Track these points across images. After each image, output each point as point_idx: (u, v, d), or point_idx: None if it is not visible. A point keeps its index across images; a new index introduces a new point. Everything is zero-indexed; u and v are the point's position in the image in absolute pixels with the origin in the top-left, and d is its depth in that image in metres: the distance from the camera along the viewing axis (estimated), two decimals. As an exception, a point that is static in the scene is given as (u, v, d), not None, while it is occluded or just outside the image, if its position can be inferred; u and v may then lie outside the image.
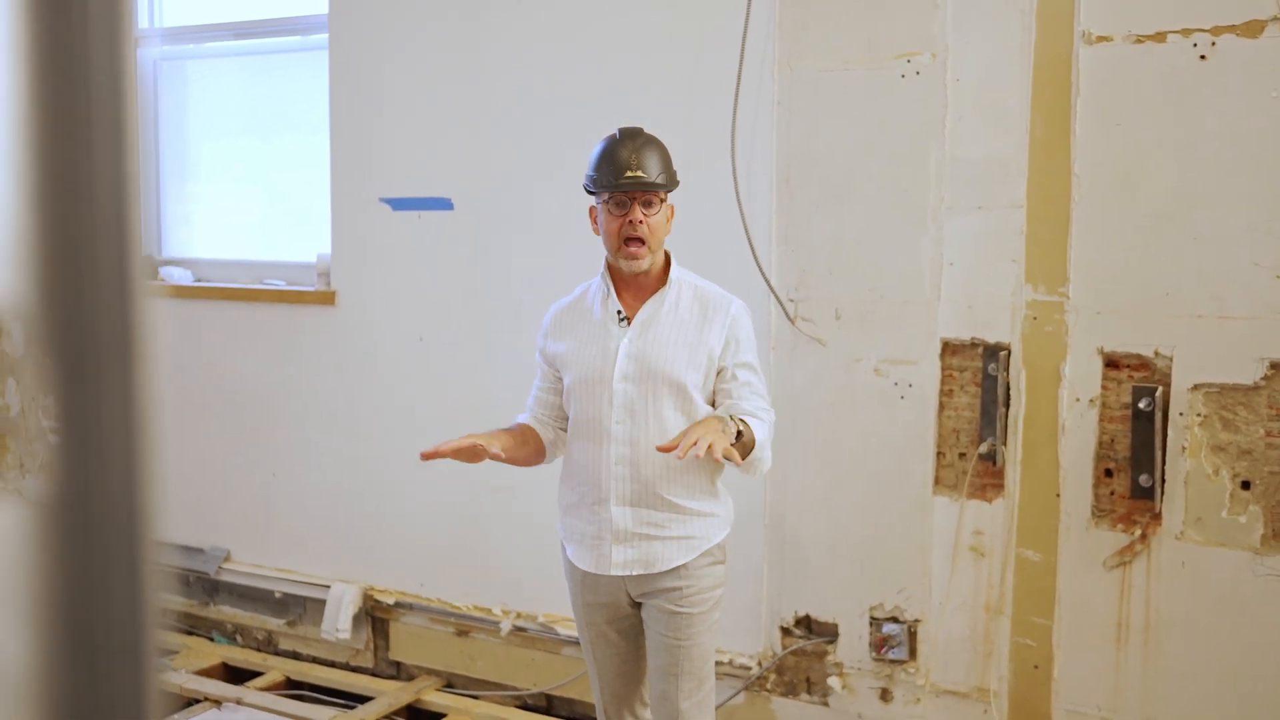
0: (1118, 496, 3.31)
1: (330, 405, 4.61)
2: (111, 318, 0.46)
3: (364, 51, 4.42)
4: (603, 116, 3.48)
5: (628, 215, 2.76)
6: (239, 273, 4.99)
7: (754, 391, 2.82)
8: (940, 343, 3.51)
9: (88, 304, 0.46)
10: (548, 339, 2.95)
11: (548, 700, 4.32)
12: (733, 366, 2.81)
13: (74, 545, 0.46)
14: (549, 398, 2.97)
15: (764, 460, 2.77)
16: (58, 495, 0.45)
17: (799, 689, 3.82)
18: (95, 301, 0.46)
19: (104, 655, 0.46)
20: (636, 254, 2.77)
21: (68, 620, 0.45)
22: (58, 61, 0.45)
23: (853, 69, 3.56)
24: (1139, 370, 3.26)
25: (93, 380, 0.46)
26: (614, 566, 2.83)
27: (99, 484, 0.46)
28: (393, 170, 4.40)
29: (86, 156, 0.46)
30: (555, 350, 2.92)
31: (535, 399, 3.00)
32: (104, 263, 0.47)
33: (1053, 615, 3.42)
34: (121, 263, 0.47)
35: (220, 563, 4.89)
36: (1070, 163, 3.28)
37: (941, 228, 3.47)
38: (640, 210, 2.76)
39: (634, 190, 2.75)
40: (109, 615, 0.46)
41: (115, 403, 0.46)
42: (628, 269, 2.80)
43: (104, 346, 0.46)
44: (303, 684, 4.63)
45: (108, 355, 0.46)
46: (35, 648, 0.46)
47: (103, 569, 0.46)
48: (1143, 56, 3.18)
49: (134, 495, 0.46)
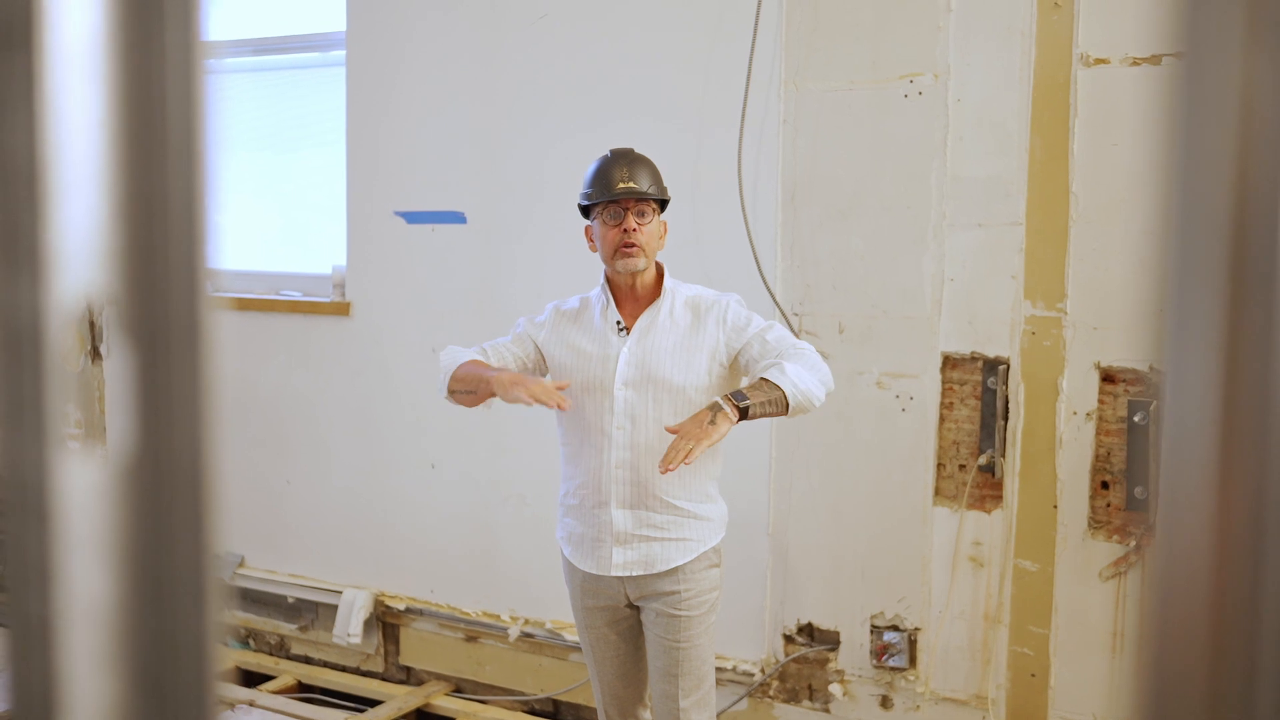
0: (1114, 508, 3.38)
1: (344, 414, 4.69)
2: (182, 311, 0.55)
3: (380, 68, 4.52)
4: (613, 132, 3.57)
5: (622, 224, 2.86)
6: (256, 283, 5.08)
7: (776, 345, 2.85)
8: (941, 357, 3.58)
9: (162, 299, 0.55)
10: (543, 330, 3.03)
11: (555, 705, 4.39)
12: (749, 340, 2.88)
13: (148, 501, 0.54)
14: (508, 361, 3.00)
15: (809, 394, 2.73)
16: (136, 457, 0.54)
17: (801, 696, 3.89)
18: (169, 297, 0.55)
19: (172, 594, 0.54)
20: (632, 253, 2.86)
21: (142, 564, 0.54)
22: (141, 87, 0.54)
23: (857, 89, 3.64)
24: (1135, 384, 3.33)
25: (165, 363, 0.55)
26: (614, 568, 2.91)
27: (169, 448, 0.55)
28: (407, 184, 4.49)
29: (162, 172, 0.55)
30: (549, 346, 3.00)
31: (494, 347, 3.02)
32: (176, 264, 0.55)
33: (1050, 624, 3.49)
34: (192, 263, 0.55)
35: (234, 568, 4.97)
36: (1069, 181, 3.36)
37: (943, 244, 3.55)
38: (634, 219, 2.86)
39: (627, 199, 2.86)
40: (177, 560, 0.54)
41: (184, 382, 0.54)
42: (625, 269, 2.89)
43: (175, 334, 0.55)
44: (314, 688, 4.70)
45: (179, 341, 0.55)
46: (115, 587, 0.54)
47: (171, 522, 0.55)
48: (1139, 78, 3.26)
49: (200, 458, 0.55)
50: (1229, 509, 0.54)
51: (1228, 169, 0.55)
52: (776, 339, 2.87)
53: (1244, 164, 0.54)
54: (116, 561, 0.53)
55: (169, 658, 0.55)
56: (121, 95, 0.53)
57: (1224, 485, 0.53)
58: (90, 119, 0.52)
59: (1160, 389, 0.56)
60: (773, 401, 2.71)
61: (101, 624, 0.53)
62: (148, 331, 0.53)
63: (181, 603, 0.54)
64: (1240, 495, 0.53)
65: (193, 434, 0.54)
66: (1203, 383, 0.53)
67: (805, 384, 2.73)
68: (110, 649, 0.54)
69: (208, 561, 0.55)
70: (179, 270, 0.54)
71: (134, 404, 0.53)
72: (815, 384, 2.77)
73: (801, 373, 2.75)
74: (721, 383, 2.92)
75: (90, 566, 0.53)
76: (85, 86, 0.52)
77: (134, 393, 0.53)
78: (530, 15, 4.18)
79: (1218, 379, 0.53)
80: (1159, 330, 0.56)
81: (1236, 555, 0.53)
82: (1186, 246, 0.55)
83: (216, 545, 0.56)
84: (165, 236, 0.54)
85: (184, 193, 0.54)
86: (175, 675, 0.55)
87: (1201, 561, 0.54)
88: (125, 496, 0.53)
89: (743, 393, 2.72)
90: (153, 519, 0.54)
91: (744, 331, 2.89)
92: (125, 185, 0.53)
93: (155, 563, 0.54)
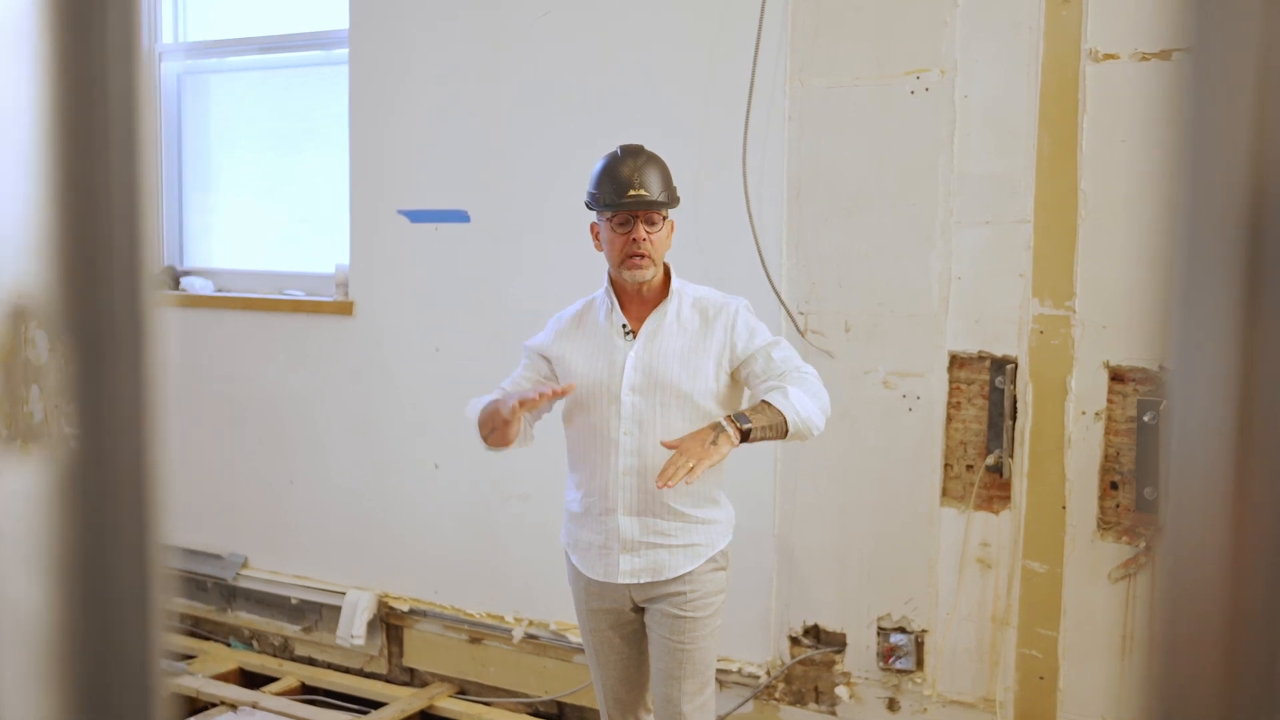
0: (1123, 509, 3.34)
1: (347, 414, 4.67)
2: (124, 306, 0.52)
3: (384, 66, 4.49)
4: (617, 131, 3.54)
5: (631, 234, 2.80)
6: (259, 283, 5.06)
7: (780, 365, 2.81)
8: (948, 356, 3.54)
9: (102, 293, 0.52)
10: (554, 343, 2.98)
11: (559, 708, 4.36)
12: (753, 353, 2.83)
13: (89, 511, 0.51)
14: (525, 384, 2.96)
15: (809, 422, 2.72)
16: (74, 463, 0.51)
17: (807, 698, 3.86)
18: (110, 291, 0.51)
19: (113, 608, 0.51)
20: (640, 264, 2.81)
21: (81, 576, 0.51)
22: (77, 77, 0.51)
23: (863, 85, 3.61)
24: (1144, 384, 3.29)
25: (106, 362, 0.51)
26: (622, 575, 2.87)
27: (112, 457, 0.51)
28: (410, 183, 4.46)
29: (103, 165, 0.52)
30: (556, 356, 2.95)
31: (511, 382, 2.99)
32: (118, 261, 0.52)
33: (1058, 626, 3.45)
34: (134, 261, 0.52)
35: (238, 569, 4.95)
36: (1077, 178, 3.32)
37: (949, 242, 3.51)
38: (643, 228, 2.81)
39: (637, 209, 2.80)
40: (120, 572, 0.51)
41: (127, 387, 0.51)
42: (632, 279, 2.84)
43: (117, 331, 0.51)
44: (317, 689, 4.68)
45: (120, 339, 0.51)
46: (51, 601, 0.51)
47: (113, 531, 0.51)
48: (1148, 73, 3.22)
49: (143, 463, 0.52)
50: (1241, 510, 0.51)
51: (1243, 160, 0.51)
52: (782, 358, 2.83)
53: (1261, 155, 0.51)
54: (52, 573, 0.50)
55: (110, 677, 0.52)
56: (57, 77, 0.50)
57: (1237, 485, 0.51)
58: (22, 102, 0.49)
59: (1168, 387, 0.53)
60: (774, 426, 2.70)
61: (36, 641, 0.50)
62: (86, 328, 0.50)
63: (124, 617, 0.51)
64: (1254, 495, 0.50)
65: (136, 437, 0.51)
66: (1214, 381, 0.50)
67: (807, 412, 2.72)
68: (45, 668, 0.50)
69: (153, 572, 0.51)
70: (120, 263, 0.51)
71: (72, 405, 0.50)
72: (816, 412, 2.75)
73: (804, 399, 2.73)
74: (728, 390, 2.88)
75: (23, 579, 0.49)
76: (16, 68, 0.49)
77: (72, 393, 0.50)
78: (534, 12, 4.15)
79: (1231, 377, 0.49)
80: (1167, 327, 0.53)
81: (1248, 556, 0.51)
82: (1198, 241, 0.52)
83: (162, 555, 0.52)
84: (105, 227, 0.50)
85: (125, 181, 0.51)
86: (117, 696, 0.51)
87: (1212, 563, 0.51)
88: (62, 504, 0.50)
89: (745, 415, 2.69)
90: (93, 528, 0.51)
91: (750, 342, 2.85)
92: (61, 173, 0.49)
93: (95, 574, 0.51)
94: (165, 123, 5.28)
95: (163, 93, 5.26)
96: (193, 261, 5.33)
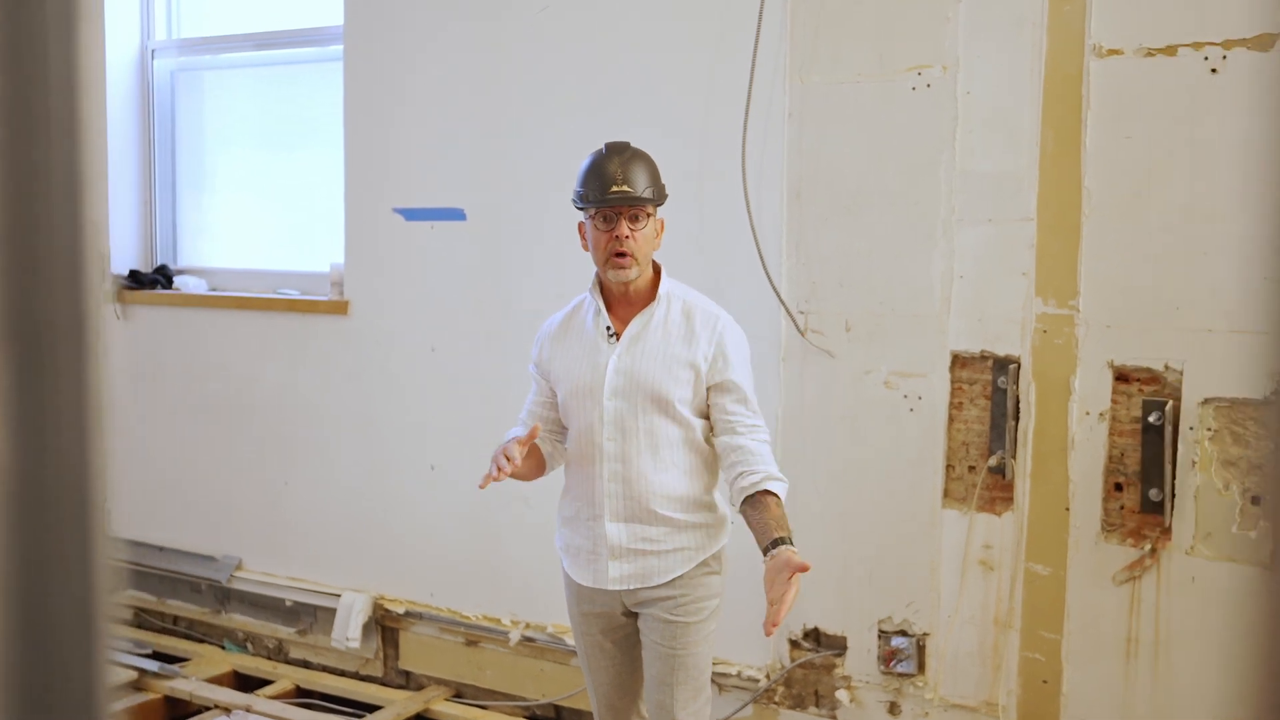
0: (1127, 511, 3.30)
1: (343, 414, 4.63)
2: (66, 309, 0.47)
3: (379, 63, 4.45)
4: (615, 128, 3.49)
5: (614, 230, 2.74)
6: (253, 282, 5.02)
7: (743, 418, 2.75)
8: (950, 355, 3.50)
9: (43, 296, 0.47)
10: (541, 353, 2.95)
11: (556, 711, 4.32)
12: (725, 382, 2.76)
13: (25, 527, 0.46)
14: (543, 411, 2.95)
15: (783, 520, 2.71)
16: (8, 481, 0.46)
17: (807, 702, 3.81)
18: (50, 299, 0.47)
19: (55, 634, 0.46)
20: (623, 264, 2.75)
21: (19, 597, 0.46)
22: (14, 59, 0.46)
23: (864, 81, 3.56)
24: (1149, 384, 3.25)
25: (46, 369, 0.47)
26: (610, 581, 2.82)
27: (50, 470, 0.47)
28: (406, 181, 4.42)
29: (42, 156, 0.47)
30: (549, 366, 2.92)
31: (529, 412, 2.98)
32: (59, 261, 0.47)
33: (1062, 630, 3.40)
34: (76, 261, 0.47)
35: (232, 570, 4.90)
36: (1081, 176, 3.28)
37: (952, 240, 3.46)
38: (627, 225, 2.74)
39: (620, 205, 2.74)
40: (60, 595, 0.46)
41: (67, 391, 0.47)
42: (616, 279, 2.78)
43: (58, 336, 0.47)
44: (312, 692, 4.64)
45: (62, 344, 0.47)
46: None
47: (53, 551, 0.47)
48: (1153, 70, 3.17)
49: (86, 477, 0.47)
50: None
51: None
52: (741, 410, 2.75)
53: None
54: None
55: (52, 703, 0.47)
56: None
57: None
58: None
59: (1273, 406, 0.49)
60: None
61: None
62: (23, 333, 0.46)
63: (66, 640, 0.46)
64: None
65: (78, 449, 0.46)
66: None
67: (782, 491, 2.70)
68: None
69: (96, 592, 0.47)
70: (62, 264, 0.46)
71: (9, 415, 0.46)
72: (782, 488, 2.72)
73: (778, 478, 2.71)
74: (705, 402, 2.81)
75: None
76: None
77: (9, 402, 0.46)
78: (532, 7, 4.10)
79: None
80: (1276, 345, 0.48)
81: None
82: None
83: (106, 574, 0.48)
84: (44, 223, 0.46)
85: (66, 173, 0.46)
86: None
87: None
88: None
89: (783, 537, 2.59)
90: (31, 546, 0.46)
91: (725, 369, 2.76)
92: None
93: (34, 595, 0.46)
94: (158, 120, 5.23)
95: (155, 89, 5.21)
96: (186, 260, 5.28)
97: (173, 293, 5.06)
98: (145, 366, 5.09)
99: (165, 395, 5.06)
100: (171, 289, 5.09)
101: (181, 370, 5.01)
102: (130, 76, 5.18)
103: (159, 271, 5.16)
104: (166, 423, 5.06)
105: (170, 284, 5.11)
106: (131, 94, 5.18)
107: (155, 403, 5.08)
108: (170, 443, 5.06)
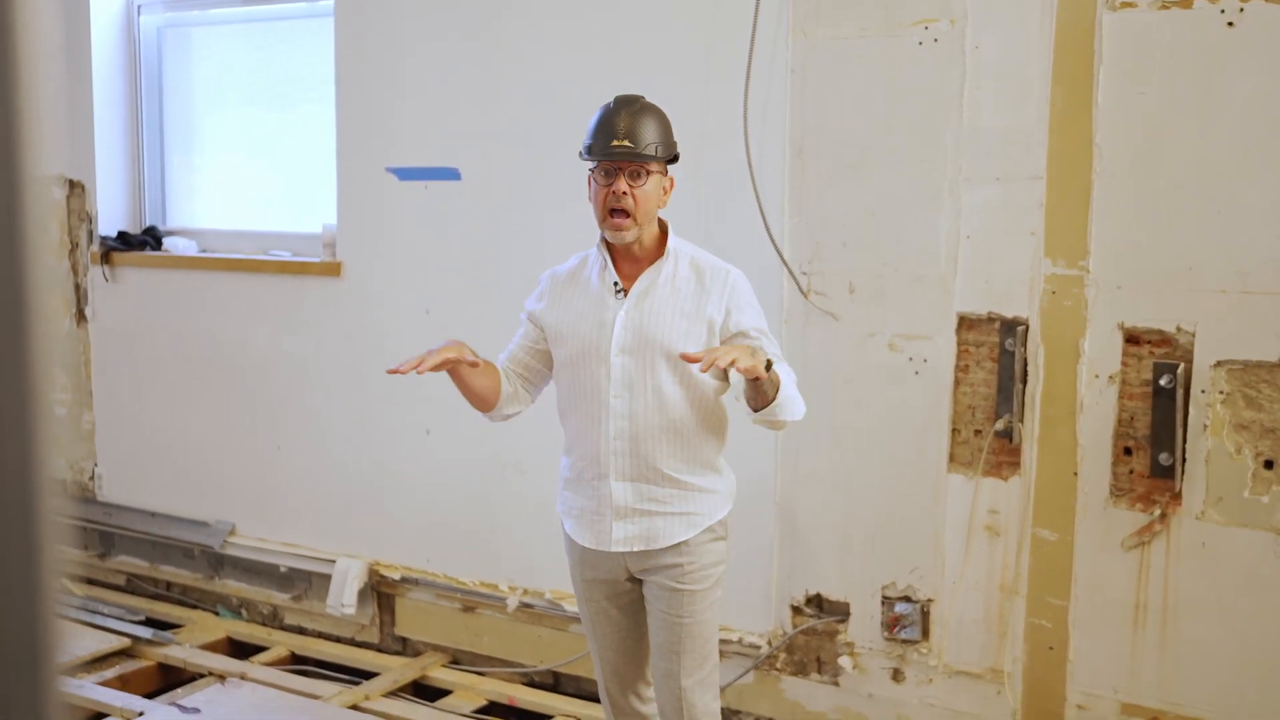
0: (1137, 475, 3.24)
1: (336, 378, 4.56)
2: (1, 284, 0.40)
3: (370, 18, 4.34)
4: (614, 84, 3.40)
5: (613, 185, 2.67)
6: (244, 243, 4.93)
7: (775, 351, 2.71)
8: (956, 317, 3.43)
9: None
10: (540, 302, 2.88)
11: (555, 677, 4.28)
12: (745, 330, 2.71)
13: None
14: (525, 357, 2.89)
15: (795, 403, 2.66)
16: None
17: (809, 668, 3.77)
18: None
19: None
20: (620, 225, 2.68)
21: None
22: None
23: (869, 36, 3.47)
24: (1160, 346, 3.18)
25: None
26: (614, 543, 2.77)
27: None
28: (399, 140, 4.33)
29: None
30: (548, 319, 2.84)
31: (510, 354, 2.91)
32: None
33: (1069, 596, 3.35)
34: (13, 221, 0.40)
35: (225, 536, 4.85)
36: (1092, 133, 3.20)
37: (959, 200, 3.39)
38: (626, 181, 2.67)
39: (621, 160, 2.67)
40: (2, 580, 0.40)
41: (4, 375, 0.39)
42: (613, 240, 2.72)
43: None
44: (307, 659, 4.59)
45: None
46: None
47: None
48: (1168, 23, 3.09)
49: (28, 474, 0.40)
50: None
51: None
52: (766, 344, 2.71)
53: None
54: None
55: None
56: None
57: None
58: None
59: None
60: (772, 384, 2.58)
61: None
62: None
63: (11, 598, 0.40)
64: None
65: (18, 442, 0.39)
66: None
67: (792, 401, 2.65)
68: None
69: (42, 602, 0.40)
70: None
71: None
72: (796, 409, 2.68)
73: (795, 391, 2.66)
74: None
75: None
76: None
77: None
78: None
79: None
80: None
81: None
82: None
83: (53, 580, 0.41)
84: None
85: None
86: None
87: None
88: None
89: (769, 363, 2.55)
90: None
91: (741, 319, 2.72)
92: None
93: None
94: (145, 78, 5.12)
95: (142, 46, 5.10)
96: (175, 221, 5.19)
97: (162, 254, 4.97)
98: (134, 329, 5.01)
99: (155, 359, 4.98)
100: (161, 250, 5.00)
101: (171, 333, 4.93)
102: (115, 33, 5.07)
103: (148, 233, 5.07)
104: (157, 387, 4.99)
105: (159, 245, 5.02)
106: (117, 52, 5.07)
107: (145, 366, 5.00)
108: (161, 407, 4.99)
